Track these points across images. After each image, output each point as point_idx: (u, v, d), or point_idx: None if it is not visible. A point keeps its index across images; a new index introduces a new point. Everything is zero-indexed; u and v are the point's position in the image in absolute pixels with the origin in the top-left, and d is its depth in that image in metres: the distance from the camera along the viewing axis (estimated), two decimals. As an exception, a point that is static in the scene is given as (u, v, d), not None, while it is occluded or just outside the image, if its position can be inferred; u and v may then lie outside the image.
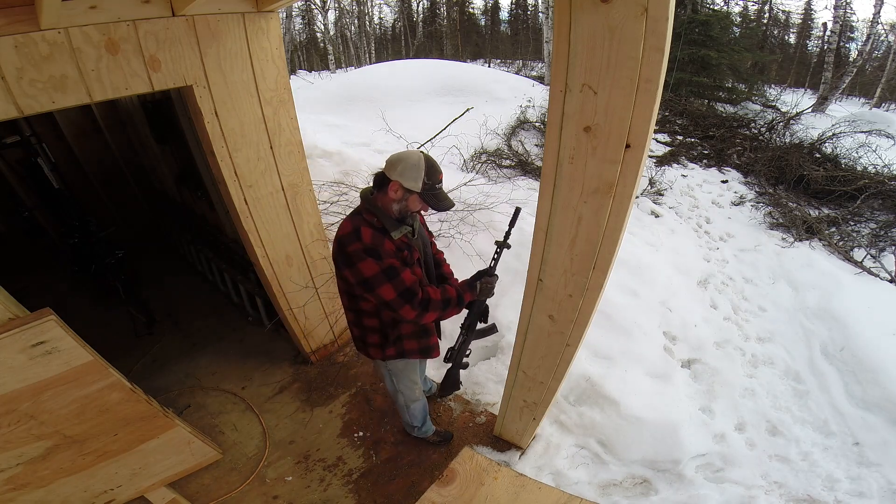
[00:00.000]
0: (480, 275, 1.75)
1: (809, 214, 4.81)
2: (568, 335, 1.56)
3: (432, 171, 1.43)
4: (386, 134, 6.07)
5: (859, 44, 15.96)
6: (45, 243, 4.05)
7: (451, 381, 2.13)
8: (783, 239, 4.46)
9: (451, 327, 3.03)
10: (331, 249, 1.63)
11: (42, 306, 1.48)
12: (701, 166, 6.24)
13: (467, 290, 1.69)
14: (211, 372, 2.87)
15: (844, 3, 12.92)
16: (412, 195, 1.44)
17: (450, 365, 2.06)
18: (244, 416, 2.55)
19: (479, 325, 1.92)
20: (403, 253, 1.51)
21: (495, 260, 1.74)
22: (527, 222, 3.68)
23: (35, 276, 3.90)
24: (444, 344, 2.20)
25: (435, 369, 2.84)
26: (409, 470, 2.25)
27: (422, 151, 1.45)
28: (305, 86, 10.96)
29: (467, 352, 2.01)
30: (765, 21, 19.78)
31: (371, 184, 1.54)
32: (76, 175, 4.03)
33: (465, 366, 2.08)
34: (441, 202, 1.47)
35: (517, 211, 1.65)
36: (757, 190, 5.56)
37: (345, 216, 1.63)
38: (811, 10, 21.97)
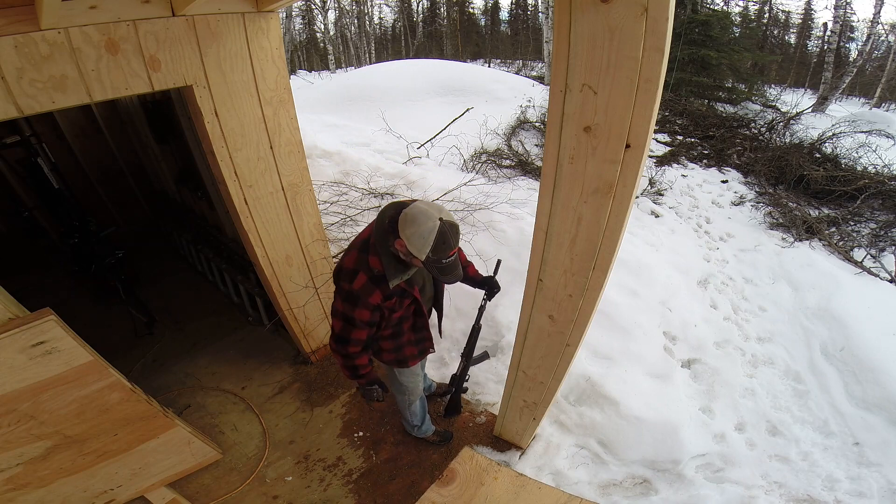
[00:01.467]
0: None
1: (809, 214, 4.81)
2: (568, 335, 1.56)
3: (441, 248, 1.31)
4: (386, 134, 6.08)
5: (859, 44, 15.95)
6: (45, 243, 4.05)
7: (454, 405, 2.34)
8: (783, 239, 4.46)
9: (450, 326, 3.03)
10: (332, 251, 1.64)
11: (42, 306, 1.48)
12: (701, 166, 6.24)
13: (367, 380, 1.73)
14: (211, 372, 2.87)
15: (844, 3, 12.92)
16: (416, 258, 1.37)
17: (453, 390, 2.28)
18: (244, 416, 2.55)
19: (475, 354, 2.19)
20: (392, 301, 1.50)
21: (479, 312, 2.01)
22: (527, 222, 3.70)
23: (35, 276, 3.89)
24: (446, 344, 2.22)
25: (435, 369, 2.84)
26: (409, 470, 2.25)
27: (441, 219, 1.30)
28: (305, 86, 10.97)
29: (467, 377, 2.26)
30: (765, 21, 19.79)
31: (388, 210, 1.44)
32: (76, 175, 4.03)
33: (466, 390, 2.33)
34: (445, 276, 1.39)
35: (498, 263, 1.88)
36: (757, 190, 5.56)
37: (345, 216, 1.65)
38: (811, 10, 21.98)
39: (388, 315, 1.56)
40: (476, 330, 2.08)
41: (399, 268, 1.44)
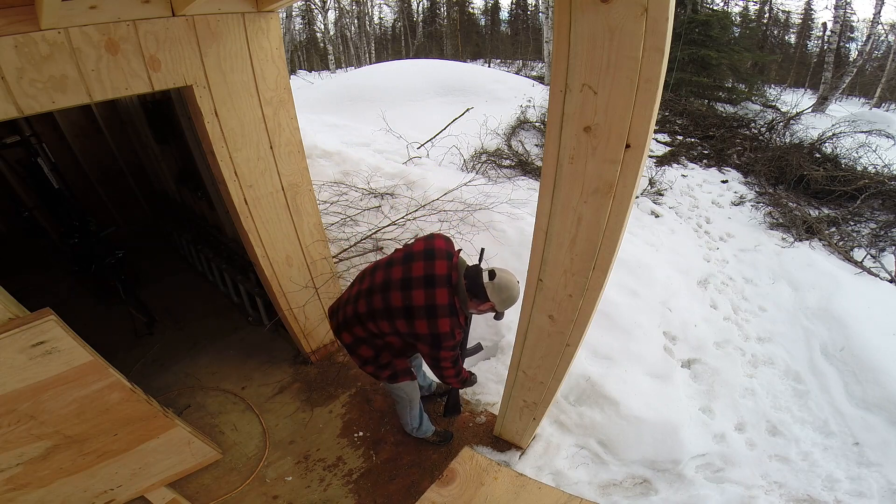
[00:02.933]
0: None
1: (809, 214, 4.81)
2: (568, 335, 1.56)
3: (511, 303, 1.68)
4: (386, 134, 6.07)
5: (859, 44, 15.97)
6: (45, 243, 4.04)
7: (454, 404, 2.34)
8: (783, 239, 4.46)
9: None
10: (332, 251, 1.66)
11: (42, 306, 1.48)
12: (701, 166, 6.24)
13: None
14: (211, 372, 2.87)
15: (844, 3, 12.93)
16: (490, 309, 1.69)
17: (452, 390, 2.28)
18: (244, 416, 2.55)
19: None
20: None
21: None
22: (527, 222, 3.70)
23: (35, 276, 3.89)
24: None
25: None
26: (409, 470, 2.25)
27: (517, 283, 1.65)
28: (305, 86, 10.98)
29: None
30: (765, 21, 19.79)
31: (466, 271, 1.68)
32: (76, 175, 4.03)
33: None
34: (500, 315, 1.75)
35: (482, 251, 1.93)
36: (757, 190, 5.56)
37: (345, 216, 1.72)
38: (811, 10, 21.98)
39: None
40: (466, 321, 2.08)
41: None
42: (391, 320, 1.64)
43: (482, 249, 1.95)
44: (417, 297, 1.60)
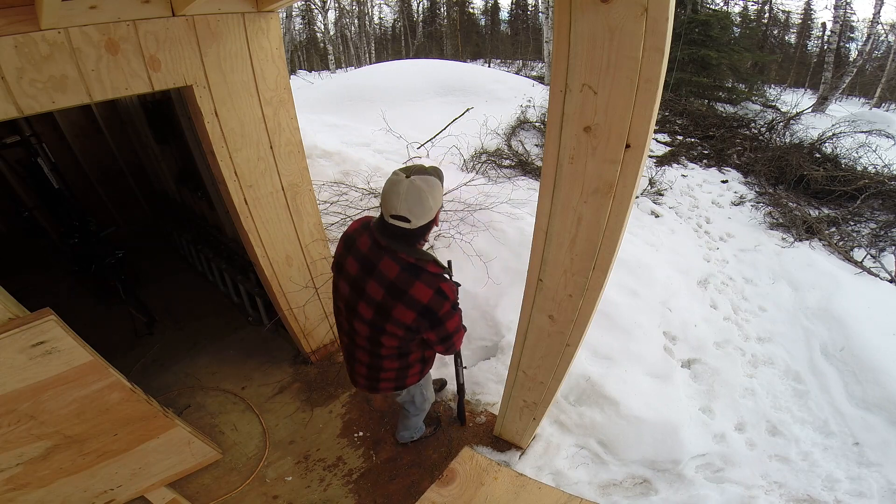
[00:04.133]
0: None
1: (809, 214, 4.80)
2: (568, 335, 1.56)
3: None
4: (386, 134, 6.07)
5: (859, 44, 15.96)
6: (45, 243, 4.04)
7: (460, 413, 2.44)
8: (783, 239, 4.45)
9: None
10: (332, 251, 1.61)
11: (42, 306, 1.48)
12: (701, 166, 6.23)
13: None
14: (211, 372, 2.87)
15: (844, 3, 12.93)
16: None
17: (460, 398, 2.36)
18: (244, 416, 2.55)
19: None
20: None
21: None
22: (527, 222, 3.70)
23: (35, 276, 3.90)
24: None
25: (435, 368, 2.84)
26: (409, 470, 2.25)
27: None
28: (305, 86, 10.97)
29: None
30: (765, 21, 19.79)
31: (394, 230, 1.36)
32: (76, 175, 4.03)
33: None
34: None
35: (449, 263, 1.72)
36: (757, 190, 5.56)
37: (345, 216, 1.64)
38: (811, 10, 21.99)
39: None
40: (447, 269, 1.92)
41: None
42: (396, 323, 1.42)
43: (448, 262, 1.75)
44: (373, 291, 1.38)
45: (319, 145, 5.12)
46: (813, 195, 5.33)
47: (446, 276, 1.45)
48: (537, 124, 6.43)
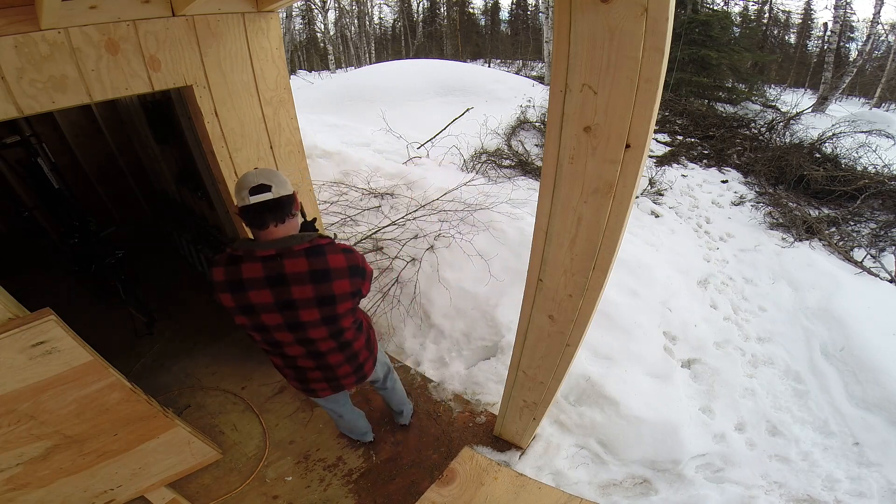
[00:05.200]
0: None
1: (809, 214, 4.81)
2: (568, 335, 1.56)
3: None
4: (386, 134, 6.08)
5: (859, 44, 15.98)
6: (45, 243, 4.04)
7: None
8: (783, 239, 4.46)
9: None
10: None
11: (42, 306, 1.48)
12: (701, 166, 6.24)
13: None
14: (211, 372, 2.87)
15: (844, 3, 12.93)
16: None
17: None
18: (244, 416, 2.55)
19: None
20: None
21: None
22: (527, 222, 3.70)
23: (35, 276, 3.90)
24: (446, 344, 2.22)
25: (435, 369, 2.84)
26: (409, 470, 2.25)
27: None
28: (305, 86, 10.99)
29: None
30: (765, 21, 19.81)
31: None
32: (76, 175, 4.03)
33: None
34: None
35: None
36: (757, 190, 5.56)
37: (345, 216, 1.64)
38: (811, 10, 22.00)
39: None
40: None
41: None
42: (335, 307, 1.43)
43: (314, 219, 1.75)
44: (303, 293, 1.36)
45: (319, 145, 5.13)
46: (813, 195, 5.33)
47: (332, 239, 1.49)
48: (537, 124, 6.43)
